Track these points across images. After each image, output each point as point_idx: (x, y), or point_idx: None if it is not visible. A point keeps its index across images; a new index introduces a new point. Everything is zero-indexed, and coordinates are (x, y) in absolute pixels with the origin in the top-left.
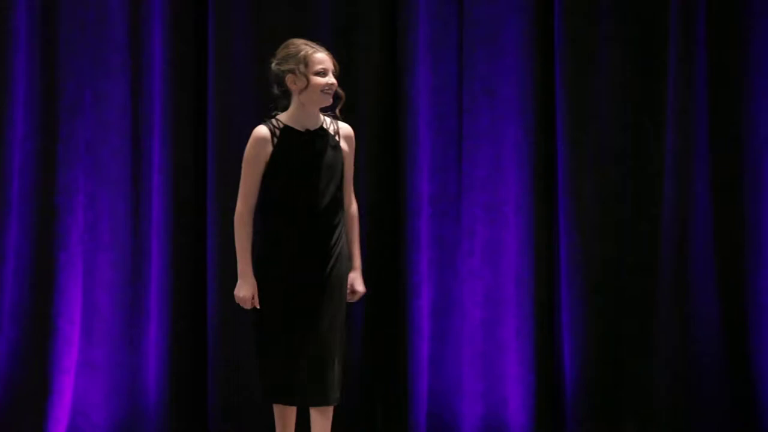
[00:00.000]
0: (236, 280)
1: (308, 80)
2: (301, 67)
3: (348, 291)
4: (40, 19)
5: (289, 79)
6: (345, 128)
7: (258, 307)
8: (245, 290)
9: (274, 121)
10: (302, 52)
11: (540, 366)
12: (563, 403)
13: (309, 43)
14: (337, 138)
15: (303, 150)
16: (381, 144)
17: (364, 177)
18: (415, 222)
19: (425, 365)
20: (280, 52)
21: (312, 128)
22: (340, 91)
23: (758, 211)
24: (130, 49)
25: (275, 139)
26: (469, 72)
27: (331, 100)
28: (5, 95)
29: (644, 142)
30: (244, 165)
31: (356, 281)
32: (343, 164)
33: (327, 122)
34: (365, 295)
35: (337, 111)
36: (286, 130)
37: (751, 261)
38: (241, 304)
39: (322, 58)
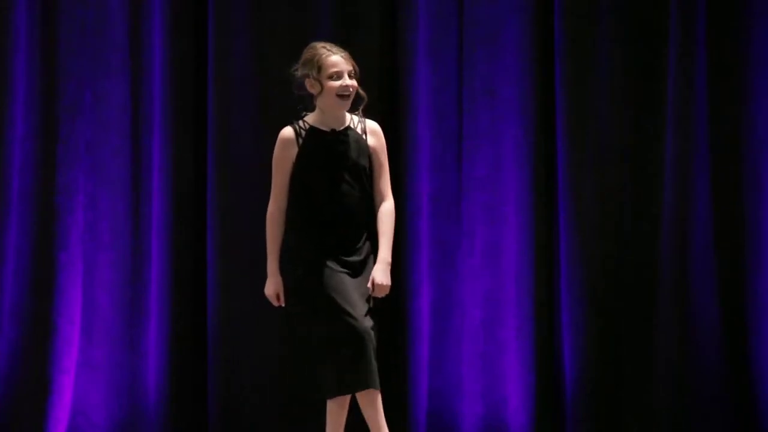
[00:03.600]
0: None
1: (322, 85)
2: (314, 73)
3: (368, 284)
4: (40, 19)
5: (307, 83)
6: (372, 125)
7: (283, 305)
8: (269, 288)
9: (300, 122)
10: (316, 57)
11: (540, 366)
12: (563, 403)
13: (327, 45)
14: (364, 136)
15: (328, 150)
16: None
17: None
18: (415, 222)
19: (425, 365)
20: (302, 57)
21: (338, 128)
22: (362, 92)
23: (758, 211)
24: (130, 49)
25: (300, 140)
26: (469, 72)
27: (349, 103)
28: (5, 95)
29: (644, 142)
30: (273, 166)
31: (375, 272)
32: (370, 162)
33: (355, 121)
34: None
35: (360, 111)
36: (312, 131)
37: (751, 261)
38: (270, 301)
39: (335, 61)
